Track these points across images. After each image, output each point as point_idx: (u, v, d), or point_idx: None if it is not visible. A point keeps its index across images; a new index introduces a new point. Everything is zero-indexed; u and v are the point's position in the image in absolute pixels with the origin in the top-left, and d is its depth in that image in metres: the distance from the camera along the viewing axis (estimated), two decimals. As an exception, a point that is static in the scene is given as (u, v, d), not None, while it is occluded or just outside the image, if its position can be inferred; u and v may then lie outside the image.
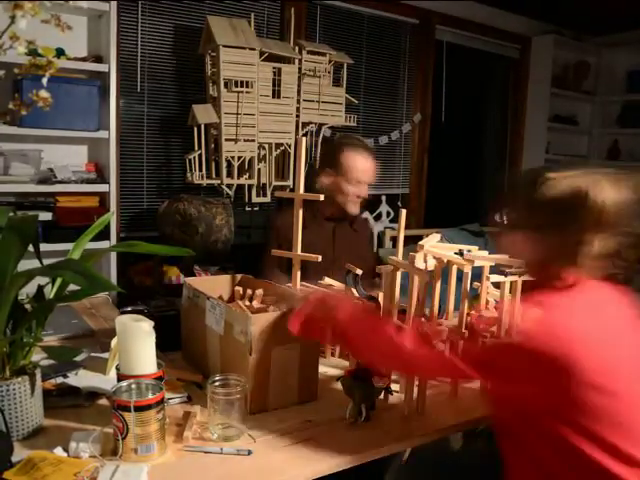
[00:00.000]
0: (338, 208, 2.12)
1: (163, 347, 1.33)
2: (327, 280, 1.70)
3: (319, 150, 3.31)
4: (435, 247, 1.43)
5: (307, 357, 1.33)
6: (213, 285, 1.59)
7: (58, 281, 1.18)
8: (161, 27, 2.98)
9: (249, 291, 1.54)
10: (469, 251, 1.39)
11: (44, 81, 1.05)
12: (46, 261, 1.15)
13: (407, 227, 1.57)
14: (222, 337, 1.35)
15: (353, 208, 2.11)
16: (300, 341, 1.31)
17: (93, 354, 1.54)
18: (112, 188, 2.62)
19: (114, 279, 2.67)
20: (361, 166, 2.06)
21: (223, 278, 1.67)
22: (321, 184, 2.10)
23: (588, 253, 1.08)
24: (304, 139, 1.55)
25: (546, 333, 1.00)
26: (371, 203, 3.87)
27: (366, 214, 3.78)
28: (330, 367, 1.56)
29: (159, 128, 3.04)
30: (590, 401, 1.00)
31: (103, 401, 1.29)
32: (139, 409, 1.05)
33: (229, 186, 3.04)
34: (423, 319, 1.35)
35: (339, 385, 1.30)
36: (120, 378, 1.17)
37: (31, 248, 1.15)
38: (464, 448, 1.90)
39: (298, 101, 3.19)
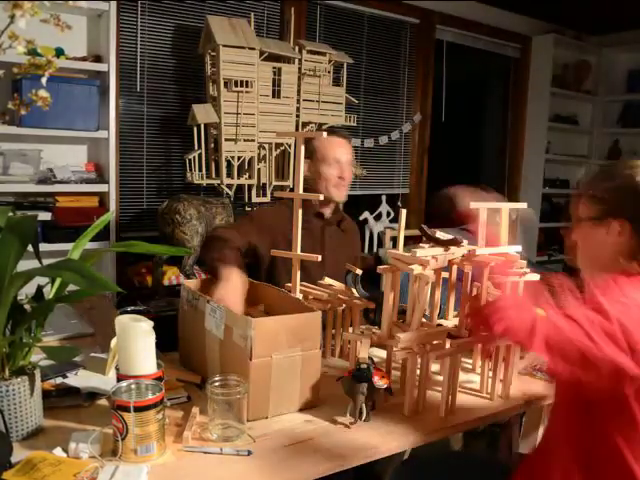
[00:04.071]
0: (326, 205, 2.05)
1: (163, 347, 1.32)
2: (327, 280, 1.70)
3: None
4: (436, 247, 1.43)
5: (309, 363, 1.30)
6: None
7: (57, 281, 1.18)
8: (161, 27, 2.98)
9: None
10: (470, 251, 1.39)
11: (43, 81, 1.04)
12: (45, 261, 1.15)
13: (407, 227, 1.57)
14: (222, 342, 1.33)
15: (337, 193, 1.96)
16: (302, 347, 1.28)
17: (93, 354, 1.54)
18: (112, 188, 2.62)
19: (114, 279, 2.67)
20: (336, 145, 1.99)
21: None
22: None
23: None
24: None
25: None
26: (371, 203, 3.87)
27: (366, 214, 3.78)
28: (330, 367, 1.56)
29: (159, 128, 3.04)
30: None
31: (103, 401, 1.29)
32: (139, 409, 1.05)
33: (229, 186, 3.04)
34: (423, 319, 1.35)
35: (339, 385, 1.30)
36: (120, 378, 1.16)
37: (30, 248, 1.14)
38: (464, 448, 1.90)
39: (298, 101, 3.19)
